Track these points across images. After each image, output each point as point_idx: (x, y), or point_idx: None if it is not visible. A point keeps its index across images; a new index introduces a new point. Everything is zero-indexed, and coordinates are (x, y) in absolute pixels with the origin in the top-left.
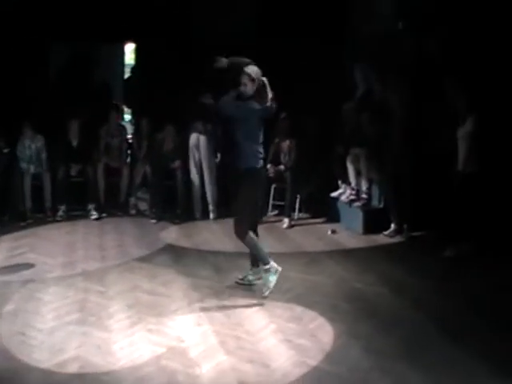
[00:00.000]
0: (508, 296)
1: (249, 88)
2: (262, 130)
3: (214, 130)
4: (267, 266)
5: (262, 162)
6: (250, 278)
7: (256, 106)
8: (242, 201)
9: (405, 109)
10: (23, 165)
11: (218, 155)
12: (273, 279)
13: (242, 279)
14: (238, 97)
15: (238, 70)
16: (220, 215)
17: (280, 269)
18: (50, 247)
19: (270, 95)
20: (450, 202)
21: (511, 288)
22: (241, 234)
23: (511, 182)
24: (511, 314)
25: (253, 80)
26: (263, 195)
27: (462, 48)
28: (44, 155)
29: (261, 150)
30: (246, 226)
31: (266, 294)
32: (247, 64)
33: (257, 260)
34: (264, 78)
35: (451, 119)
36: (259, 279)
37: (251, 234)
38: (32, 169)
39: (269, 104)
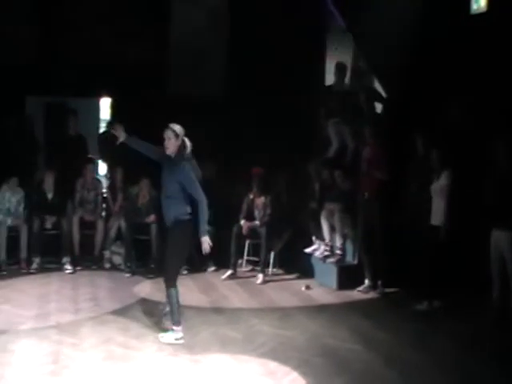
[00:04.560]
0: (478, 353)
1: (172, 143)
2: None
3: None
4: (175, 328)
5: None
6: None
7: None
8: (171, 252)
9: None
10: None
11: None
12: (170, 339)
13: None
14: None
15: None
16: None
17: (182, 342)
18: (23, 299)
19: (189, 153)
20: (424, 257)
21: (481, 345)
22: (169, 282)
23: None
24: (480, 371)
25: (177, 136)
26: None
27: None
28: (22, 207)
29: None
30: (175, 275)
31: (159, 338)
32: (149, 148)
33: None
34: (186, 138)
35: (424, 174)
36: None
37: (177, 290)
38: (9, 221)
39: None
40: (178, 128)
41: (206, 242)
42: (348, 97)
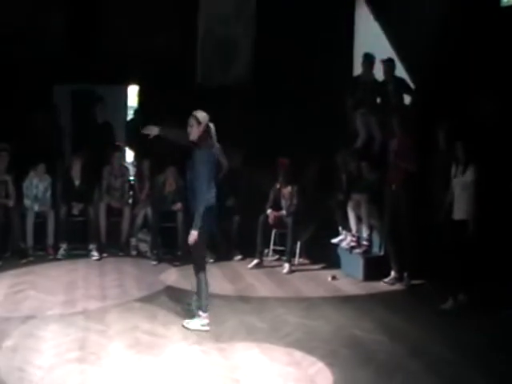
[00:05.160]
0: (504, 350)
1: (194, 130)
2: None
3: None
4: (202, 314)
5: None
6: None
7: (205, 156)
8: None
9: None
10: (27, 202)
11: None
12: (196, 325)
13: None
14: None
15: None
16: (219, 258)
17: (207, 328)
18: (50, 285)
19: (214, 140)
20: (446, 251)
21: (507, 340)
22: (198, 268)
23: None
24: (507, 367)
25: (199, 123)
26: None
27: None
28: (49, 193)
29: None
30: (203, 260)
31: (184, 324)
32: (182, 136)
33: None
34: (211, 124)
35: (447, 168)
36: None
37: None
38: (36, 207)
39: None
40: (200, 115)
41: (193, 236)
42: (376, 87)
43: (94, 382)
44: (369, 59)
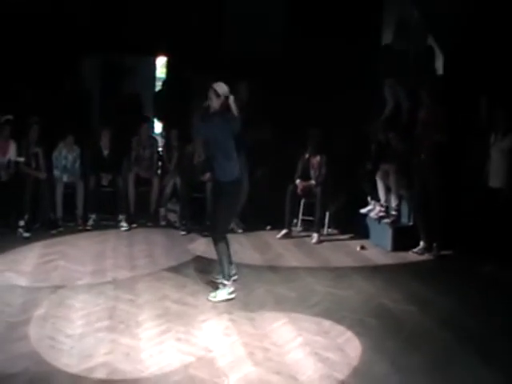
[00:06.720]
0: None
1: (214, 103)
2: (233, 143)
3: None
4: (226, 282)
5: (237, 173)
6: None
7: (220, 122)
8: (223, 210)
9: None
10: (56, 173)
11: None
12: (223, 295)
13: (217, 277)
14: (204, 115)
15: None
16: (248, 228)
17: (233, 296)
18: (80, 255)
19: (234, 111)
20: (483, 217)
21: None
22: (218, 238)
23: None
24: None
25: (218, 96)
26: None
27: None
28: (78, 164)
29: (234, 162)
30: (224, 232)
31: (211, 299)
32: None
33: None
34: (231, 96)
35: (483, 135)
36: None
37: (226, 243)
38: (65, 178)
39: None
40: (219, 88)
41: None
42: (407, 56)
43: (124, 351)
44: (401, 26)
